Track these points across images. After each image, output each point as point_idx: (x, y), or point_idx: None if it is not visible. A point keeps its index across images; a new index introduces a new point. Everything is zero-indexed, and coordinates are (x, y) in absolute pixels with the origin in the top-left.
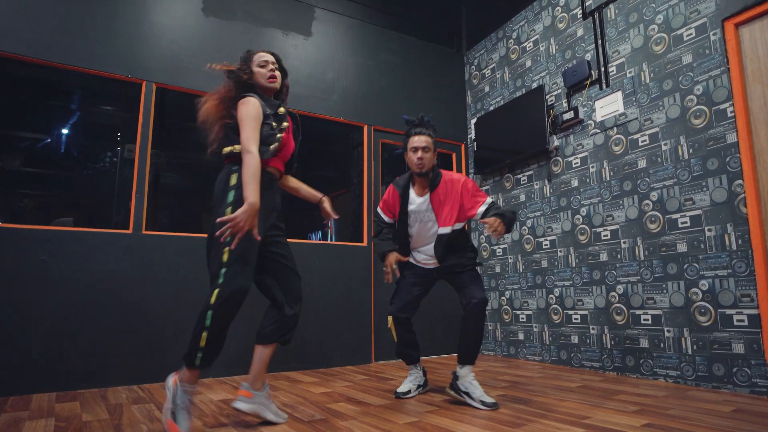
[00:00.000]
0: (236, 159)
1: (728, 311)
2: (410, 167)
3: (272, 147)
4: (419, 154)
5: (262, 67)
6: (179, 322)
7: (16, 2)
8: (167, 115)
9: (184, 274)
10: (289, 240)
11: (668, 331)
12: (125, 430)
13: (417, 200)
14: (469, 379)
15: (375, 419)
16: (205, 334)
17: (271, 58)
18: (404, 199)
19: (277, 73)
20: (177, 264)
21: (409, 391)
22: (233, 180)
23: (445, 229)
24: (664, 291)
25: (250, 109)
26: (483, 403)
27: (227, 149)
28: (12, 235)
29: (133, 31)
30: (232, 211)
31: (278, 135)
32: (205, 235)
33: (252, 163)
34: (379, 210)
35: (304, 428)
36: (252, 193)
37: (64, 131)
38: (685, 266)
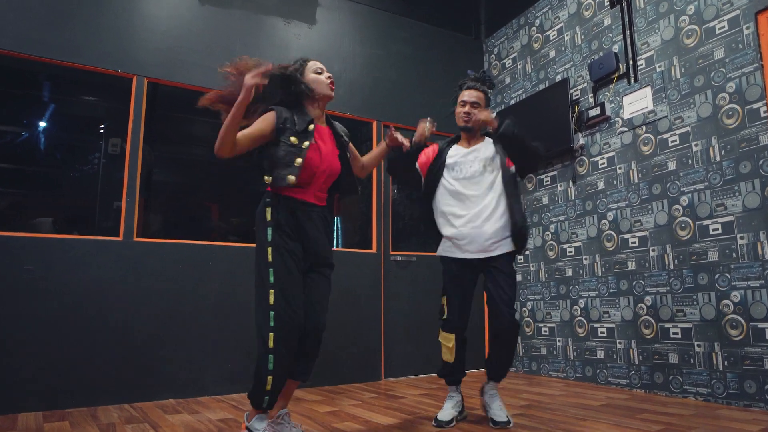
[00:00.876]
0: (269, 188)
1: (761, 324)
2: (457, 122)
3: (290, 176)
4: (467, 108)
5: (318, 73)
6: (174, 336)
7: None
8: (159, 108)
9: (181, 285)
10: None
11: (698, 345)
12: None
13: (462, 151)
14: (491, 392)
15: None
16: (270, 378)
17: (323, 65)
18: (442, 152)
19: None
20: (173, 274)
21: (452, 420)
22: (269, 215)
23: (511, 169)
24: (695, 303)
25: (260, 121)
26: (492, 420)
27: (265, 178)
28: None
29: (123, 23)
30: (272, 253)
31: (297, 159)
32: (202, 242)
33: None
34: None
35: None
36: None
37: (41, 124)
38: (717, 276)
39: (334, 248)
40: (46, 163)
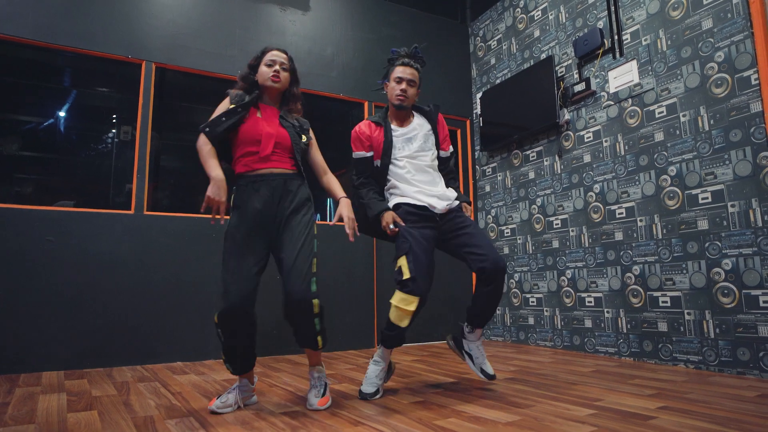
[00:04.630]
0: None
1: (753, 292)
2: (389, 99)
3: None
4: (403, 85)
5: (268, 66)
6: (180, 302)
7: None
8: (166, 95)
9: (185, 254)
10: None
11: (689, 314)
12: (134, 405)
13: (400, 129)
14: (477, 343)
15: (381, 399)
16: (222, 351)
17: (280, 58)
18: (387, 128)
19: (283, 75)
20: (178, 244)
21: (378, 391)
22: (231, 199)
23: (446, 153)
24: (684, 271)
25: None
26: (482, 371)
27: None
28: (16, 216)
29: (132, 11)
30: (225, 235)
31: (225, 122)
32: (206, 215)
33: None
34: (357, 153)
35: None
36: (208, 170)
37: (61, 114)
38: (707, 245)
39: (329, 222)
40: (65, 150)
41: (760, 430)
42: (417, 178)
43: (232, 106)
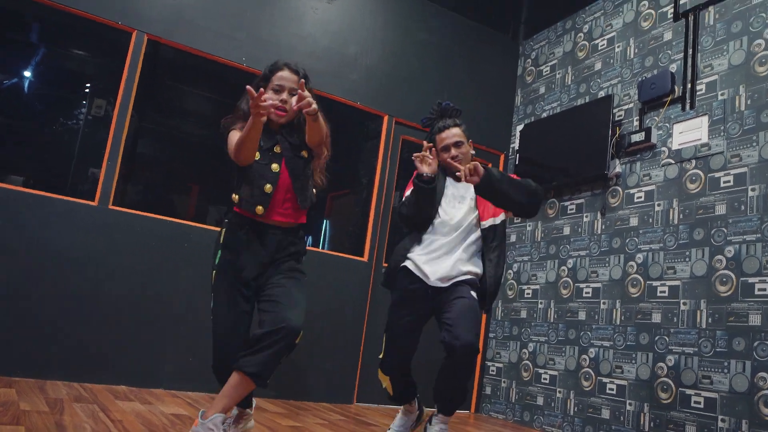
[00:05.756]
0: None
1: None
2: (447, 171)
3: (258, 207)
4: (452, 152)
5: (275, 91)
6: (138, 319)
7: None
8: (155, 73)
9: (152, 262)
10: None
11: (723, 420)
12: (67, 427)
13: (457, 184)
14: (436, 429)
15: None
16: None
17: (290, 83)
18: (440, 179)
19: (290, 103)
20: (145, 249)
21: None
22: (221, 236)
23: (490, 221)
24: (725, 369)
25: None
26: None
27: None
28: None
29: None
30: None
31: (267, 186)
32: (180, 221)
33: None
34: (409, 192)
35: None
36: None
37: (26, 74)
38: (756, 344)
39: (321, 250)
40: (25, 116)
41: None
42: (440, 242)
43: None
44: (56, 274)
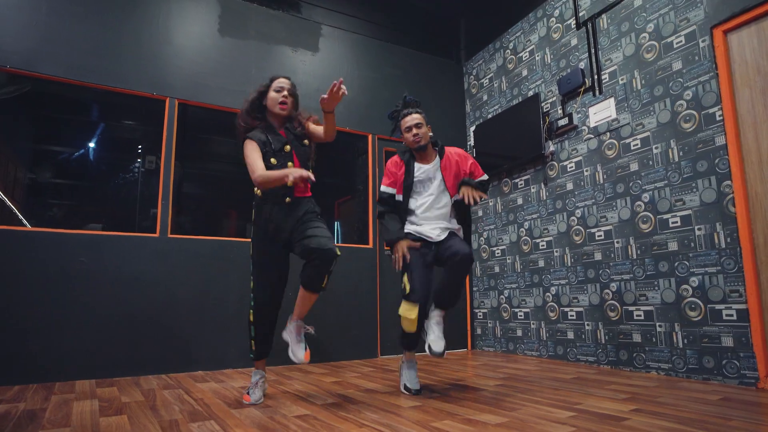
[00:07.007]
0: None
1: (717, 306)
2: (410, 147)
3: (287, 198)
4: (413, 131)
5: (276, 92)
6: (201, 317)
7: (53, 28)
8: (187, 128)
9: (206, 274)
10: None
11: (660, 326)
12: (160, 409)
13: (424, 167)
14: (434, 320)
15: (383, 403)
16: (252, 342)
17: (287, 84)
18: (409, 167)
19: (289, 100)
20: (200, 264)
21: (420, 388)
22: (253, 215)
23: (457, 197)
24: (656, 288)
25: (247, 149)
26: (429, 348)
27: (256, 190)
28: (51, 239)
29: (157, 52)
30: (252, 248)
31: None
32: (224, 238)
33: (259, 182)
34: (384, 187)
35: (318, 410)
36: (277, 174)
37: (91, 145)
38: (676, 264)
39: (337, 244)
40: (94, 178)
41: (721, 430)
42: (428, 215)
43: (273, 159)
44: (135, 294)
